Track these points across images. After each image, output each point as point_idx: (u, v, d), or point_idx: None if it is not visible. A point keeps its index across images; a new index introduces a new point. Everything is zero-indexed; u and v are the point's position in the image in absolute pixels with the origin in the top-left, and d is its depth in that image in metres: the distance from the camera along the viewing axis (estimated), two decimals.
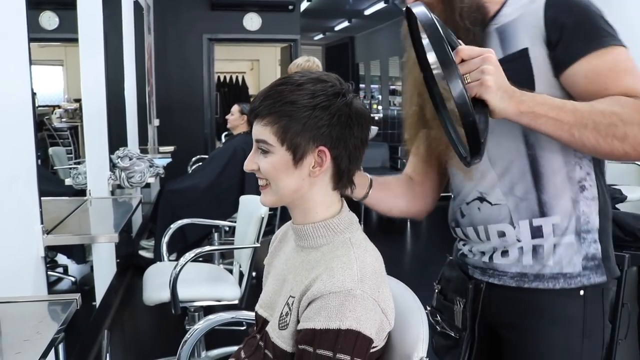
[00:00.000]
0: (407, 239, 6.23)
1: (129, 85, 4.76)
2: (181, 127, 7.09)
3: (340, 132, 1.10)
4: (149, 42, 6.53)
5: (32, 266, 2.16)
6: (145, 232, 5.17)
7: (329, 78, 1.12)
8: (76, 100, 3.37)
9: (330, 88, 1.10)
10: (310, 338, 1.02)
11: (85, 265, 3.40)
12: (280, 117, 1.08)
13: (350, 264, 1.07)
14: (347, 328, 1.00)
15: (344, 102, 1.10)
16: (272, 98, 1.09)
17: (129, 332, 3.72)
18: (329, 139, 1.09)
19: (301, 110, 1.07)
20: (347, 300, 1.02)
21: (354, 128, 1.11)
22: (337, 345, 1.00)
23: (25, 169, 2.12)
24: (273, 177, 1.12)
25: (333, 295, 1.03)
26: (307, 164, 1.10)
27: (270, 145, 1.10)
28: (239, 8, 7.21)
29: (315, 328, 1.02)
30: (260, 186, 1.16)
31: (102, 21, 3.63)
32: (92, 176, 3.26)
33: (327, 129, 1.09)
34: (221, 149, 5.12)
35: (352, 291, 1.03)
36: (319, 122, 1.08)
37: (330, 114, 1.08)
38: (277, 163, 1.10)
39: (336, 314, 1.01)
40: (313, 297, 1.05)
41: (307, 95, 1.08)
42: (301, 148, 1.09)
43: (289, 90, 1.09)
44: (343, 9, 10.83)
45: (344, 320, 1.01)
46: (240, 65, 12.25)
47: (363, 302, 1.03)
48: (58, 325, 1.41)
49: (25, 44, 2.12)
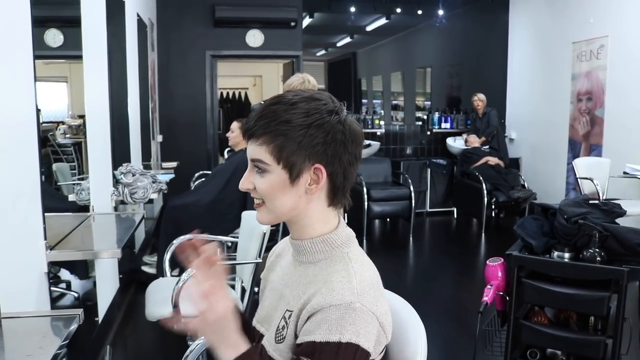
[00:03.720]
0: (410, 254, 6.22)
1: (132, 102, 4.79)
2: (184, 143, 7.13)
3: (335, 149, 1.11)
4: (153, 59, 6.58)
5: (35, 282, 2.17)
6: (148, 248, 5.18)
7: (321, 96, 1.14)
8: (80, 117, 3.39)
9: (323, 106, 1.12)
10: (310, 350, 1.03)
11: (88, 280, 3.41)
12: (276, 137, 1.09)
13: (349, 278, 1.08)
14: (347, 341, 1.01)
15: (338, 119, 1.12)
16: (267, 117, 1.11)
17: (131, 347, 3.71)
18: (324, 156, 1.11)
19: (296, 129, 1.09)
20: (347, 314, 1.03)
21: (348, 145, 1.13)
22: (337, 358, 1.01)
23: (29, 185, 2.14)
24: (270, 196, 1.13)
25: (333, 308, 1.04)
26: (303, 182, 1.12)
27: (266, 165, 1.11)
28: (242, 25, 7.27)
29: (315, 341, 1.03)
30: (255, 204, 1.17)
31: (106, 38, 3.67)
32: (95, 192, 3.28)
33: (322, 147, 1.10)
34: (224, 165, 5.13)
35: (352, 304, 1.04)
36: (314, 140, 1.09)
37: (325, 131, 1.10)
38: (274, 182, 1.12)
39: (336, 327, 1.02)
40: (313, 311, 1.06)
41: (302, 114, 1.09)
42: (297, 166, 1.10)
43: (283, 110, 1.10)
44: (345, 25, 10.90)
45: (344, 334, 1.02)
46: (243, 81, 12.31)
47: (362, 316, 1.04)
48: (61, 341, 1.42)
49: (30, 61, 2.15)
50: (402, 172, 7.20)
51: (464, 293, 4.75)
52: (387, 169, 7.13)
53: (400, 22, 9.98)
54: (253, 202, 1.19)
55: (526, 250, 2.64)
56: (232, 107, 11.94)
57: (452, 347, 3.65)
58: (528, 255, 2.58)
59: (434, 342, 2.76)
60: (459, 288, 4.97)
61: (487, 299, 2.49)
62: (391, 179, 7.09)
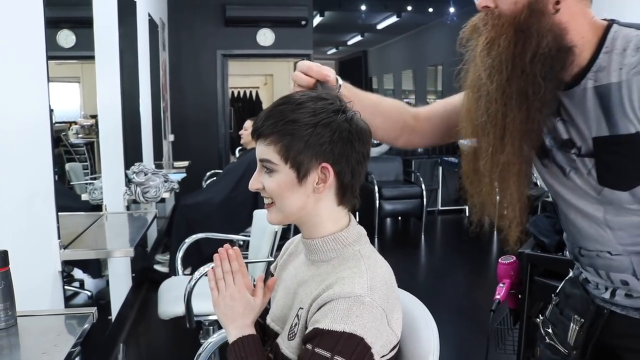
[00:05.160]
0: (422, 252, 6.22)
1: (144, 101, 4.82)
2: (196, 142, 7.15)
3: (342, 148, 1.11)
4: (164, 59, 6.61)
5: (49, 280, 2.19)
6: (161, 247, 5.21)
7: (328, 96, 1.14)
8: (92, 117, 3.41)
9: (330, 105, 1.12)
10: (312, 336, 1.04)
11: (101, 279, 3.43)
12: (283, 136, 1.10)
13: (360, 274, 1.09)
14: (351, 332, 1.01)
15: (345, 118, 1.12)
16: (274, 117, 1.11)
17: (144, 345, 3.74)
18: (331, 155, 1.11)
19: (303, 129, 1.09)
20: (354, 306, 1.03)
21: (355, 143, 1.13)
22: (337, 347, 1.00)
23: (43, 185, 2.16)
24: (278, 195, 1.14)
25: (342, 300, 1.04)
26: (311, 181, 1.12)
27: (274, 164, 1.12)
28: (253, 24, 7.29)
29: (319, 327, 1.03)
30: (265, 204, 1.18)
31: (117, 39, 3.69)
32: (108, 191, 3.30)
33: (329, 146, 1.10)
34: (235, 164, 5.15)
35: (361, 297, 1.04)
36: (321, 139, 1.10)
37: (331, 130, 1.10)
38: (282, 181, 1.12)
39: (342, 317, 1.02)
40: (322, 303, 1.06)
41: (309, 114, 1.10)
42: (304, 165, 1.11)
43: (290, 110, 1.11)
44: (355, 24, 10.90)
45: (349, 324, 1.02)
46: (254, 80, 12.33)
47: (371, 310, 1.04)
48: (75, 339, 1.43)
49: (43, 61, 2.17)
50: (414, 170, 7.18)
51: (476, 291, 4.73)
52: (398, 167, 7.12)
53: (411, 20, 9.97)
54: (265, 207, 1.19)
55: (538, 248, 2.62)
56: (243, 106, 11.96)
57: (465, 345, 3.64)
58: (540, 253, 2.56)
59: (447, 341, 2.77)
60: (471, 286, 4.95)
61: (500, 297, 2.48)
62: (402, 178, 7.08)
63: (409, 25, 10.68)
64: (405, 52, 12.72)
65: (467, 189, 1.29)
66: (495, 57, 1.11)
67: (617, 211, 1.13)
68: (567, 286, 1.38)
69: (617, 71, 1.06)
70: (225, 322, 1.19)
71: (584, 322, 1.27)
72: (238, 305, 1.18)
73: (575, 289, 1.33)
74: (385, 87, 14.02)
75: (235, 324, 1.18)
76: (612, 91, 1.06)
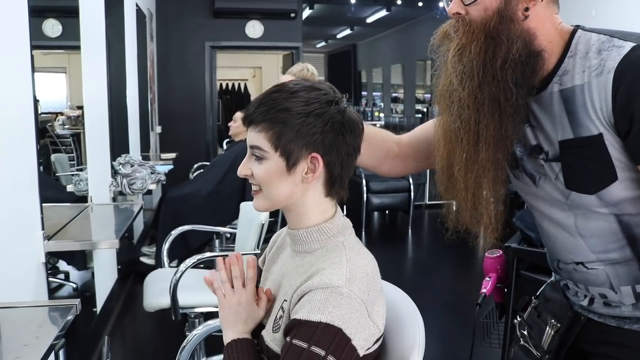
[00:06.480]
0: (409, 246, 6.23)
1: (131, 93, 4.78)
2: (183, 134, 7.12)
3: (333, 139, 1.11)
4: (152, 50, 6.57)
5: (33, 272, 2.17)
6: (147, 239, 5.18)
7: (322, 86, 1.14)
8: (79, 107, 3.38)
9: (323, 96, 1.11)
10: (290, 328, 1.04)
11: (86, 271, 3.41)
12: (275, 124, 1.09)
13: (340, 265, 1.08)
14: (327, 322, 1.00)
15: (337, 109, 1.11)
16: (267, 105, 1.11)
17: (130, 338, 3.72)
18: (322, 145, 1.10)
19: (295, 117, 1.09)
20: (332, 296, 1.03)
21: (347, 135, 1.12)
22: (314, 337, 1.00)
23: (27, 176, 2.14)
24: (266, 183, 1.13)
25: (319, 290, 1.04)
26: (300, 170, 1.12)
27: (264, 152, 1.11)
28: (241, 16, 7.25)
29: (297, 318, 1.03)
30: (253, 191, 1.18)
31: (104, 29, 3.66)
32: (93, 183, 3.27)
33: (320, 136, 1.10)
34: (223, 156, 5.13)
35: (338, 288, 1.03)
36: (312, 129, 1.09)
37: (323, 121, 1.09)
38: (271, 169, 1.11)
39: (319, 308, 1.02)
40: (302, 293, 1.06)
41: (301, 103, 1.09)
42: (294, 154, 1.10)
43: (283, 98, 1.10)
44: (345, 17, 10.87)
45: (326, 315, 1.01)
46: (243, 73, 12.29)
47: (349, 302, 1.03)
48: (57, 331, 1.42)
49: (27, 51, 2.14)
50: None
51: (462, 285, 4.75)
52: None
53: (400, 14, 9.95)
54: (252, 193, 1.19)
55: (525, 243, 2.63)
56: (231, 98, 11.93)
57: (450, 338, 3.66)
58: (527, 247, 2.57)
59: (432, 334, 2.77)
60: (458, 280, 4.97)
61: (486, 291, 2.48)
62: None
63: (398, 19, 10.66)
64: (394, 46, 12.71)
65: (442, 195, 1.30)
66: (467, 64, 1.11)
67: (586, 217, 1.15)
68: (548, 290, 1.39)
69: (580, 74, 1.08)
70: (226, 326, 1.21)
71: (560, 327, 1.29)
72: (243, 312, 1.20)
73: (555, 293, 1.35)
74: (374, 81, 14.02)
75: (235, 329, 1.20)
76: (576, 94, 1.08)
